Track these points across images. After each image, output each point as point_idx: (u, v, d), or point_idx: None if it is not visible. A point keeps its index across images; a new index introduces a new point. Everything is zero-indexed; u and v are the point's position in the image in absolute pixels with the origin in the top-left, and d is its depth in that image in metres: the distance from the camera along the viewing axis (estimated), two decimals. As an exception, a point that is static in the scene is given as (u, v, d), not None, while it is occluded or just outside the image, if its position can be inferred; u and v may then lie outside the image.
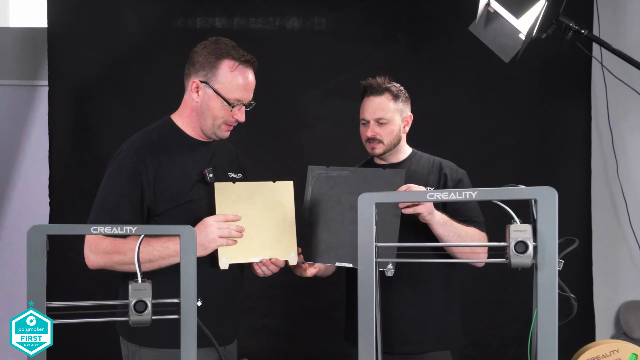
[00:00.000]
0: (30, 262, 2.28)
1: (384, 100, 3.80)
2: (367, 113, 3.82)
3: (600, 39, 3.73)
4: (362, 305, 2.50)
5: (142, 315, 2.34)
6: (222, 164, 3.61)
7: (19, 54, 5.53)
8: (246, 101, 3.51)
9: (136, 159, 3.31)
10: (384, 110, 3.78)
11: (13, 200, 5.56)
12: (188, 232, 2.40)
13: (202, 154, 3.51)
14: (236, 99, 3.43)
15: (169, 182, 3.33)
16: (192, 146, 3.51)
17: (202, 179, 3.40)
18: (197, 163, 3.45)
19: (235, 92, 3.43)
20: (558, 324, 2.30)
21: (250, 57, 3.52)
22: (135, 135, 3.47)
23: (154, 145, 3.39)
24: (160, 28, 5.20)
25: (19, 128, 5.55)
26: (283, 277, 5.14)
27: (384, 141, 3.80)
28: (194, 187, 3.39)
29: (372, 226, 2.44)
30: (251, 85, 3.52)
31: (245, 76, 3.48)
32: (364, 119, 3.85)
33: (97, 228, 2.32)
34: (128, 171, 3.30)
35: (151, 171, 3.30)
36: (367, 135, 3.82)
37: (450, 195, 2.38)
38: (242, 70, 3.47)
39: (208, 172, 3.40)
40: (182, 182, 3.37)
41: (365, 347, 2.50)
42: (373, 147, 3.83)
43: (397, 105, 3.82)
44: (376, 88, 3.80)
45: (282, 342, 5.17)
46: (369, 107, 3.82)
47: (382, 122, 3.78)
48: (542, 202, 2.29)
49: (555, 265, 2.28)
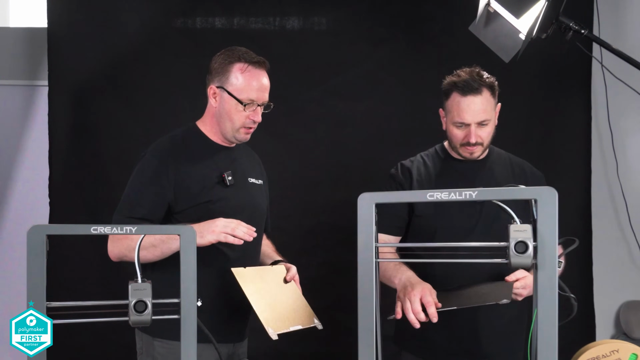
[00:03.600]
0: (30, 262, 2.28)
1: (484, 98, 3.36)
2: (467, 115, 3.34)
3: (600, 39, 3.73)
4: (362, 305, 2.50)
5: (142, 315, 2.34)
6: (243, 169, 3.73)
7: (19, 54, 5.53)
8: (260, 101, 3.58)
9: (159, 160, 3.47)
10: (486, 111, 3.36)
11: (13, 200, 5.56)
12: (188, 232, 2.40)
13: (222, 158, 3.63)
14: (249, 98, 3.52)
15: (189, 182, 3.46)
16: (213, 150, 3.62)
17: (222, 182, 3.51)
18: (218, 166, 3.57)
19: (247, 92, 3.52)
20: (558, 324, 2.30)
21: (260, 58, 3.64)
22: (161, 139, 3.64)
23: (177, 148, 3.54)
24: (160, 28, 5.21)
25: (19, 128, 5.55)
26: (283, 277, 5.17)
27: (484, 143, 3.43)
28: (213, 189, 3.50)
29: (372, 226, 2.44)
30: (264, 86, 3.61)
31: (256, 77, 3.58)
32: (463, 122, 3.37)
33: (97, 228, 2.33)
34: (151, 170, 3.46)
35: (172, 171, 3.44)
36: (470, 140, 3.38)
37: (450, 195, 2.37)
38: (253, 71, 3.58)
39: (227, 175, 3.51)
40: (202, 183, 3.48)
41: (365, 348, 2.50)
42: (472, 152, 3.44)
43: (494, 100, 3.42)
44: (474, 85, 3.32)
45: (283, 342, 5.15)
46: (470, 109, 3.34)
47: (484, 124, 3.37)
48: (542, 202, 2.29)
49: (555, 265, 2.28)
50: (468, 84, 3.31)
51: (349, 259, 2.61)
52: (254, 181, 3.77)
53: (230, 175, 3.52)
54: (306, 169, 5.21)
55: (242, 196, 3.62)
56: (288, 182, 5.20)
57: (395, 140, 5.05)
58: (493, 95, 3.38)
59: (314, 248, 5.16)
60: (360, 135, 5.20)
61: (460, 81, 3.34)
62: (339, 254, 4.92)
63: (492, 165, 3.54)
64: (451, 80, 3.40)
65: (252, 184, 3.74)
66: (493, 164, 3.54)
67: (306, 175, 5.20)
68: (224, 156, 3.64)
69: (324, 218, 5.13)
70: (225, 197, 3.51)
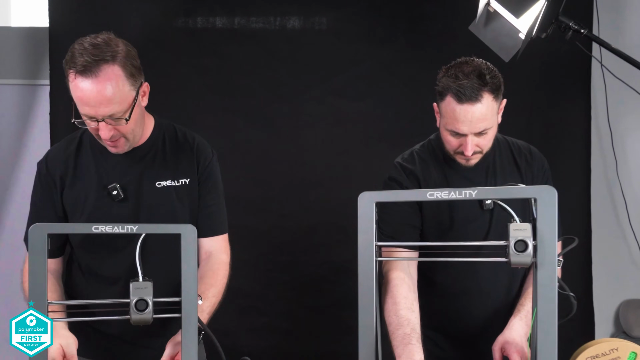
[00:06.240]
0: (31, 261, 2.28)
1: (484, 106, 2.90)
2: (463, 126, 2.94)
3: (600, 38, 3.73)
4: (362, 303, 2.50)
5: (143, 313, 2.34)
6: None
7: (20, 53, 5.54)
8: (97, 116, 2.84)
9: None
10: (487, 119, 2.93)
11: (15, 199, 5.56)
12: (189, 230, 2.40)
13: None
14: (82, 114, 2.86)
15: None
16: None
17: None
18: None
19: (79, 106, 2.85)
20: (558, 322, 2.31)
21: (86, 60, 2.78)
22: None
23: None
24: (160, 27, 5.21)
25: (21, 127, 5.55)
26: (284, 276, 5.18)
27: (483, 151, 3.06)
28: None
29: (373, 225, 2.44)
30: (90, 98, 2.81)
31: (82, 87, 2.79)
32: (459, 131, 2.97)
33: (99, 227, 2.33)
34: None
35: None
36: (466, 152, 2.99)
37: (450, 194, 2.38)
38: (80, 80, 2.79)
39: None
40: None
41: (365, 346, 2.50)
42: (468, 160, 3.07)
43: (496, 102, 2.98)
44: (470, 93, 2.87)
45: (282, 340, 5.17)
46: (467, 119, 2.92)
47: (483, 133, 2.96)
48: (541, 201, 2.29)
49: (554, 264, 2.29)
50: (466, 91, 2.86)
51: (350, 258, 2.61)
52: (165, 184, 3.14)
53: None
54: (307, 168, 5.21)
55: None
56: (289, 181, 5.21)
57: (395, 139, 5.03)
58: (496, 97, 2.94)
59: (314, 246, 5.16)
60: (360, 134, 5.20)
61: (456, 86, 2.88)
62: (339, 252, 4.92)
63: (495, 159, 3.23)
64: (447, 81, 2.94)
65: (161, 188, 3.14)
66: (497, 157, 3.24)
67: (307, 174, 5.20)
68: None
69: (324, 217, 5.13)
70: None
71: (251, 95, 5.22)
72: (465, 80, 2.87)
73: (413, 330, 2.85)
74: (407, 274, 3.08)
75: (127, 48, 2.88)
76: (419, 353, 2.76)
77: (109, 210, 3.03)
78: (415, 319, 2.91)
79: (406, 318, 2.89)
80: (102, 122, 2.81)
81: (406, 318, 2.89)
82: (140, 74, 2.92)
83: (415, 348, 2.78)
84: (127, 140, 2.97)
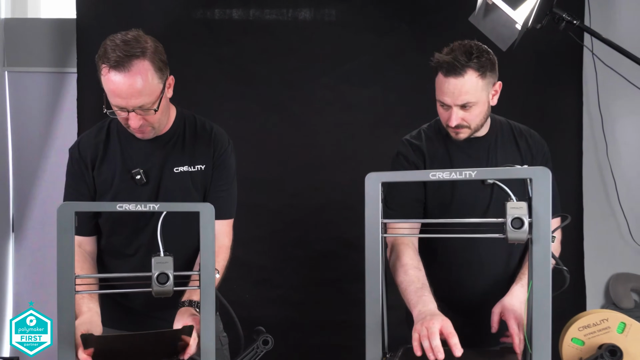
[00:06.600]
0: (60, 238, 2.28)
1: (468, 81, 2.97)
2: (447, 96, 3.02)
3: (591, 29, 3.71)
4: (369, 276, 2.50)
5: (164, 286, 2.35)
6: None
7: (49, 43, 5.53)
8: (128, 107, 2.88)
9: None
10: (469, 93, 2.98)
11: (44, 181, 5.56)
12: (207, 208, 2.40)
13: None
14: (113, 104, 2.90)
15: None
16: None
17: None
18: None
19: (110, 98, 2.89)
20: (552, 295, 2.31)
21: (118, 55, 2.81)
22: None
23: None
24: (180, 19, 5.21)
25: (50, 112, 5.55)
26: (296, 252, 5.19)
27: (470, 126, 3.08)
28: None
29: (379, 203, 2.45)
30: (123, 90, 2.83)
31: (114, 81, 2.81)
32: (444, 102, 3.06)
33: (123, 205, 2.33)
34: None
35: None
36: (451, 124, 3.06)
37: (451, 175, 2.37)
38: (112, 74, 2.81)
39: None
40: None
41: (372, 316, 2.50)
42: (457, 133, 3.11)
43: (484, 81, 3.02)
44: (456, 66, 2.96)
45: (294, 311, 5.18)
46: (450, 91, 3.00)
47: (467, 106, 3.01)
48: (536, 181, 2.29)
49: (549, 240, 2.29)
50: (451, 65, 2.95)
51: (357, 234, 2.61)
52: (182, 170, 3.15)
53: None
54: (317, 150, 5.21)
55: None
56: (300, 162, 5.21)
57: (399, 123, 5.03)
58: (482, 75, 2.99)
59: (324, 224, 5.16)
60: (367, 119, 5.20)
61: (444, 61, 2.99)
62: (347, 229, 4.92)
63: (496, 141, 3.25)
64: (438, 57, 3.05)
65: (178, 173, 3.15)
66: (498, 139, 3.26)
67: (317, 155, 5.20)
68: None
69: (333, 196, 5.13)
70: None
71: (265, 83, 5.22)
72: (451, 56, 2.97)
73: (424, 285, 2.91)
74: (410, 241, 3.13)
75: (155, 44, 2.90)
76: (433, 302, 2.78)
77: (131, 192, 3.05)
78: (422, 277, 2.96)
79: (415, 276, 2.94)
80: (132, 112, 2.85)
81: (415, 276, 2.94)
82: (166, 68, 2.94)
83: (428, 298, 2.82)
84: (153, 129, 3.01)
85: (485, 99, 3.06)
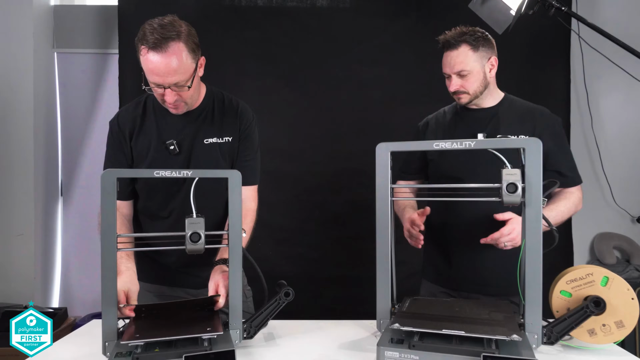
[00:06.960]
0: (103, 201, 2.28)
1: (461, 53, 3.23)
2: (447, 67, 3.29)
3: (578, 14, 3.67)
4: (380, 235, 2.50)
5: (196, 244, 2.34)
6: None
7: (94, 27, 5.53)
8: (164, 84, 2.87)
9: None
10: (463, 63, 3.22)
11: (89, 151, 5.58)
12: (234, 174, 2.40)
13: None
14: (151, 82, 2.87)
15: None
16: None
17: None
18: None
19: (148, 76, 2.86)
20: (542, 252, 2.30)
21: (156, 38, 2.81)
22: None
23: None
24: (211, 6, 5.21)
25: (94, 89, 5.57)
26: (314, 213, 5.19)
27: (469, 92, 3.27)
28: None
29: (388, 170, 2.46)
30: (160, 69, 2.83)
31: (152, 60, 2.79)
32: (445, 73, 3.32)
33: (159, 172, 2.32)
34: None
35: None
36: (450, 89, 3.31)
37: (452, 145, 2.36)
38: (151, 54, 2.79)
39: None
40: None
41: (382, 272, 2.50)
42: (459, 98, 3.32)
43: (477, 53, 3.24)
44: (452, 42, 3.24)
45: (312, 267, 5.19)
46: (448, 61, 3.27)
47: (463, 74, 3.24)
48: (529, 151, 2.28)
49: (540, 203, 2.28)
50: (447, 41, 3.26)
51: (369, 198, 2.60)
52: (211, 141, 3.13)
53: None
54: (333, 123, 5.21)
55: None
56: (318, 134, 5.21)
57: (406, 99, 5.06)
58: (474, 48, 3.21)
59: (340, 189, 5.17)
60: (377, 95, 5.20)
61: (444, 40, 3.28)
62: (360, 193, 4.92)
63: (501, 113, 3.35)
64: (441, 37, 3.31)
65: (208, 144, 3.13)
66: (504, 112, 3.35)
67: (333, 127, 5.21)
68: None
69: (348, 164, 5.14)
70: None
71: (286, 62, 5.22)
72: (449, 35, 3.26)
73: (409, 205, 3.40)
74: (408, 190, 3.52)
75: (189, 28, 2.88)
76: (414, 213, 3.07)
77: (165, 161, 3.03)
78: (409, 203, 3.41)
79: (404, 203, 3.41)
80: (168, 89, 2.84)
81: (404, 203, 3.41)
82: (198, 50, 2.92)
83: (411, 211, 3.29)
84: (186, 104, 2.99)
85: (479, 69, 3.25)
